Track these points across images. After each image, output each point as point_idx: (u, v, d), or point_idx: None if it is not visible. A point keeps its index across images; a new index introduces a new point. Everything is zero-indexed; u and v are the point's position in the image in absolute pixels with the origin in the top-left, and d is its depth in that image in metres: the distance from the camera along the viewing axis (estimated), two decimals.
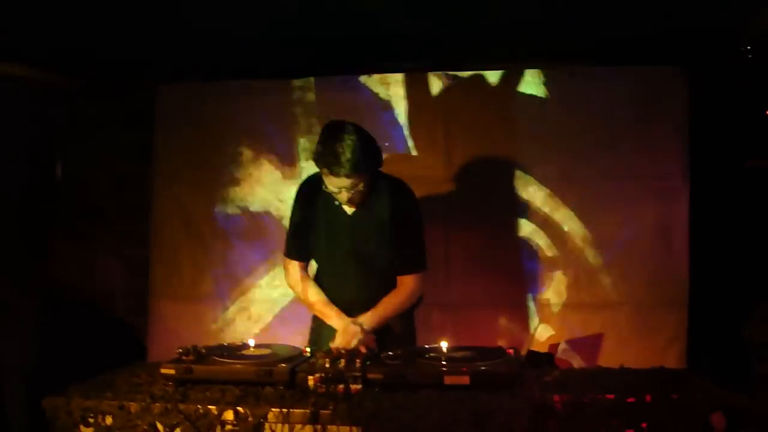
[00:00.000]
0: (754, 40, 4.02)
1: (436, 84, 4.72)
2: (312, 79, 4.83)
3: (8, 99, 4.78)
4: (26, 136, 4.99)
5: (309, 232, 3.66)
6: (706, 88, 4.43)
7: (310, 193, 3.63)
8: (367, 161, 3.38)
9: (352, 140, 3.31)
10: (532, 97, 4.64)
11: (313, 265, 3.80)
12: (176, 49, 4.67)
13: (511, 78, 4.66)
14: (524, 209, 4.60)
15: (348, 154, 3.29)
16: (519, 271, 4.62)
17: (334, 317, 3.56)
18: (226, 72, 4.86)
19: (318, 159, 3.37)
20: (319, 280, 3.75)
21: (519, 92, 4.65)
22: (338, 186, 3.38)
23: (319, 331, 3.74)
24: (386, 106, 4.78)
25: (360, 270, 3.63)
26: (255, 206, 4.87)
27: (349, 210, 3.57)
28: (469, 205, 4.65)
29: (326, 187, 3.42)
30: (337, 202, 3.52)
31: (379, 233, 3.58)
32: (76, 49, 4.64)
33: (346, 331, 3.38)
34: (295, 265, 3.70)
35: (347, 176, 3.33)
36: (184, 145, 4.90)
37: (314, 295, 3.65)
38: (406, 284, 3.60)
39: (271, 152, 4.87)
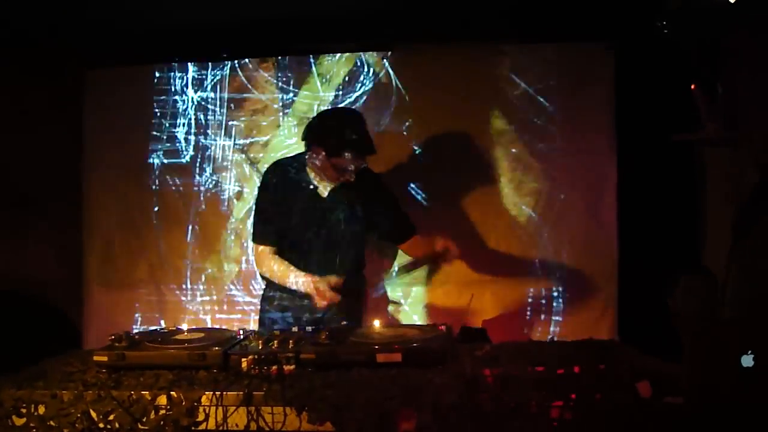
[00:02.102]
0: (668, 16, 4.09)
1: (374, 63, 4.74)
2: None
3: None
4: None
5: (278, 217, 3.75)
6: (632, 63, 4.49)
7: (279, 180, 3.77)
8: None
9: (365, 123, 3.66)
10: (462, 76, 4.66)
11: None
12: (104, 32, 4.61)
13: (441, 56, 4.68)
14: (457, 185, 4.63)
15: (370, 136, 3.64)
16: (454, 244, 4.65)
17: (309, 281, 3.66)
18: (153, 55, 4.80)
19: (343, 143, 3.57)
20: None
21: (449, 70, 4.67)
22: (350, 166, 3.62)
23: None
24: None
25: (329, 248, 3.80)
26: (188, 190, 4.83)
27: (324, 192, 3.75)
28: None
29: (329, 169, 3.64)
30: (312, 186, 3.74)
31: (353, 211, 3.80)
32: (2, 31, 4.56)
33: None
34: (266, 250, 3.77)
35: (368, 156, 3.65)
36: (113, 130, 4.86)
37: (297, 274, 3.70)
38: (411, 248, 4.16)
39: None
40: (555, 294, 4.56)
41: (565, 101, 4.55)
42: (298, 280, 3.68)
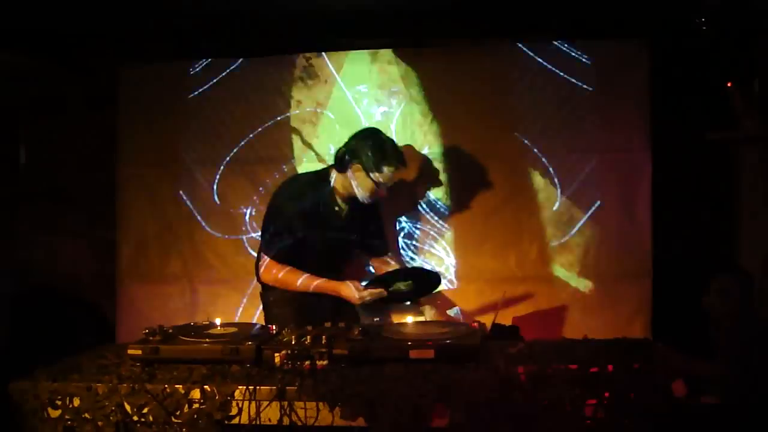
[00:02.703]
0: (705, 12, 4.05)
1: (402, 60, 4.72)
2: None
3: None
4: None
5: (296, 233, 3.85)
6: (668, 60, 4.45)
7: (302, 196, 3.92)
8: None
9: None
10: (496, 73, 4.64)
11: None
12: (139, 29, 4.64)
13: (475, 54, 4.66)
14: (489, 184, 4.61)
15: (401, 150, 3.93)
16: (487, 243, 4.65)
17: (334, 285, 3.83)
18: (188, 52, 4.82)
19: (381, 159, 3.82)
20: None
21: (483, 68, 4.65)
22: (386, 181, 3.87)
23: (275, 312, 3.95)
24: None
25: (340, 261, 4.12)
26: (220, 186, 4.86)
27: (343, 209, 3.99)
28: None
29: (365, 186, 3.86)
30: (336, 206, 3.99)
31: (362, 226, 4.10)
32: (38, 30, 4.60)
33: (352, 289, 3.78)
34: (274, 264, 3.85)
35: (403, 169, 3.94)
36: (147, 126, 4.87)
37: (305, 278, 3.84)
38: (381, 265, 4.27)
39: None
40: (589, 292, 4.52)
41: (600, 98, 4.50)
42: (313, 283, 3.82)
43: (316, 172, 4.13)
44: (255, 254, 4.70)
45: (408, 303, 4.06)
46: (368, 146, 3.87)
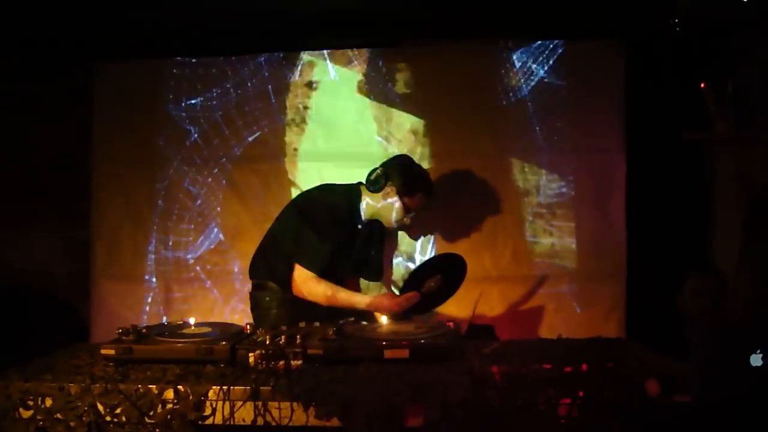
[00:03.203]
0: (679, 14, 4.08)
1: (380, 60, 4.73)
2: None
3: None
4: None
5: (332, 247, 3.84)
6: (642, 61, 4.48)
7: (341, 209, 3.95)
8: None
9: None
10: (473, 73, 4.65)
11: None
12: (113, 27, 4.61)
13: (452, 54, 4.67)
14: (464, 184, 4.62)
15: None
16: (460, 245, 4.65)
17: (373, 300, 3.79)
18: (163, 50, 4.80)
19: (416, 184, 3.96)
20: None
21: (460, 68, 4.66)
22: (415, 207, 3.99)
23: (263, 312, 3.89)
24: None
25: (346, 280, 4.07)
26: (196, 186, 4.84)
27: (361, 229, 4.07)
28: None
29: (401, 208, 3.95)
30: (360, 224, 4.04)
31: (369, 249, 4.18)
32: (9, 27, 4.56)
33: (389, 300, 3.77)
34: (313, 277, 3.78)
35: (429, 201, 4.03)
36: (122, 124, 4.85)
37: (341, 291, 3.80)
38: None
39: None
40: (563, 292, 4.54)
41: (574, 100, 4.53)
42: (352, 300, 3.78)
43: (348, 187, 4.11)
44: (230, 253, 4.74)
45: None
46: (405, 170, 3.98)
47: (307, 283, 3.76)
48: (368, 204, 3.98)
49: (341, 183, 4.13)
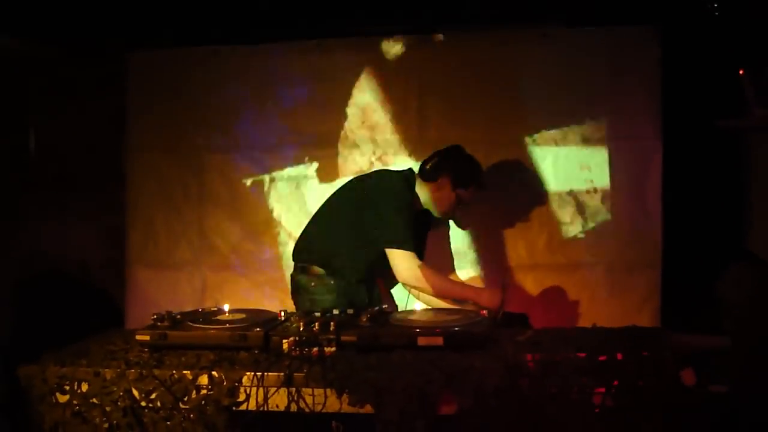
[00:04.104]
0: None
1: (408, 48, 4.70)
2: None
3: None
4: None
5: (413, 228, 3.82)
6: (678, 47, 4.41)
7: (412, 192, 3.96)
8: None
9: None
10: (504, 62, 4.61)
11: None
12: (148, 14, 4.64)
13: (484, 42, 4.63)
14: (499, 173, 4.59)
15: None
16: (495, 233, 4.63)
17: (476, 291, 3.81)
18: (196, 38, 4.82)
19: (471, 176, 3.95)
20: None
21: (493, 56, 4.62)
22: (467, 199, 3.96)
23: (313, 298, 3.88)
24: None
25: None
26: (229, 174, 4.86)
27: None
28: None
29: (453, 199, 3.93)
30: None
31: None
32: (47, 15, 4.60)
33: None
34: (414, 257, 3.72)
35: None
36: (156, 112, 4.88)
37: (447, 280, 3.87)
38: None
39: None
40: (598, 281, 4.50)
41: (610, 86, 4.47)
42: (465, 292, 3.78)
43: (403, 173, 4.07)
44: (263, 240, 4.76)
45: None
46: (460, 162, 3.96)
47: (415, 270, 3.70)
48: (420, 191, 3.97)
49: (395, 169, 4.13)
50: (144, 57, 4.89)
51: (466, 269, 4.65)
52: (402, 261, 3.70)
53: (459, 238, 4.64)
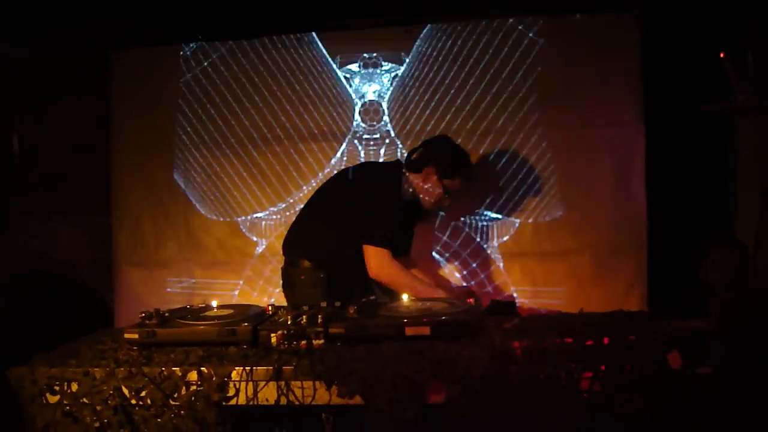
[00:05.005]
0: None
1: (398, 37, 4.72)
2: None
3: None
4: None
5: (393, 221, 3.81)
6: (660, 32, 4.43)
7: (397, 185, 3.94)
8: None
9: None
10: (488, 48, 4.61)
11: None
12: (130, 14, 4.63)
13: (466, 32, 4.64)
14: (483, 161, 4.61)
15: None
16: (480, 222, 4.65)
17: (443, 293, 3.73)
18: (179, 36, 4.81)
19: (456, 166, 3.92)
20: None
21: (473, 46, 4.63)
22: (454, 190, 3.93)
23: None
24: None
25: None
26: (215, 170, 4.86)
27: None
28: None
29: (439, 190, 3.90)
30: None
31: (403, 226, 4.07)
32: (30, 17, 4.59)
33: None
34: (388, 254, 3.74)
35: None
36: (141, 111, 4.88)
37: (416, 282, 3.78)
38: None
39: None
40: (584, 266, 4.52)
41: (592, 71, 4.48)
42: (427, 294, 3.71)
43: (389, 165, 4.12)
44: (250, 236, 4.76)
45: None
46: (445, 152, 3.96)
47: (386, 268, 3.73)
48: (407, 183, 3.97)
49: (382, 161, 4.13)
50: (127, 56, 4.89)
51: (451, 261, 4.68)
52: (373, 257, 3.72)
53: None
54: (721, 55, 3.93)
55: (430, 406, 2.69)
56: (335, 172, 4.34)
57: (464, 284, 4.60)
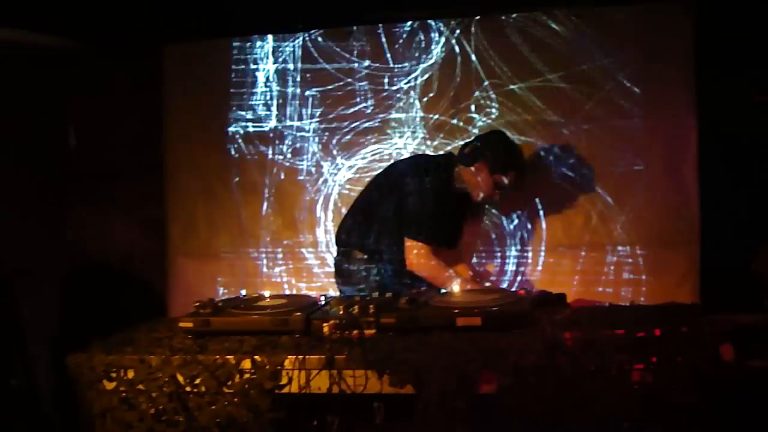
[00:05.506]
0: None
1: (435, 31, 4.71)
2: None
3: (16, 66, 4.81)
4: (36, 102, 5.01)
5: (444, 217, 3.91)
6: (714, 22, 4.37)
7: (447, 184, 3.97)
8: None
9: None
10: (536, 42, 4.58)
11: None
12: (182, 7, 4.68)
13: (518, 21, 4.62)
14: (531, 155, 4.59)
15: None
16: (531, 213, 4.63)
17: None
18: (229, 28, 4.86)
19: (509, 161, 3.97)
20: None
21: (522, 38, 4.60)
22: (506, 184, 3.97)
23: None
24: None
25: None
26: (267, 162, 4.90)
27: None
28: None
29: (491, 184, 3.94)
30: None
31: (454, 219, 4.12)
32: (83, 12, 4.67)
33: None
34: (427, 249, 3.82)
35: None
36: (193, 103, 4.94)
37: (454, 276, 3.82)
38: None
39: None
40: (636, 259, 4.48)
41: (644, 62, 4.43)
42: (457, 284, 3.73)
43: (442, 157, 4.17)
44: (302, 228, 4.80)
45: None
46: (499, 146, 3.99)
47: (424, 263, 3.80)
48: (459, 176, 3.98)
49: (433, 154, 4.15)
50: (179, 49, 4.96)
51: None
52: (412, 250, 3.79)
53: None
54: None
55: (481, 396, 2.69)
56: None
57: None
